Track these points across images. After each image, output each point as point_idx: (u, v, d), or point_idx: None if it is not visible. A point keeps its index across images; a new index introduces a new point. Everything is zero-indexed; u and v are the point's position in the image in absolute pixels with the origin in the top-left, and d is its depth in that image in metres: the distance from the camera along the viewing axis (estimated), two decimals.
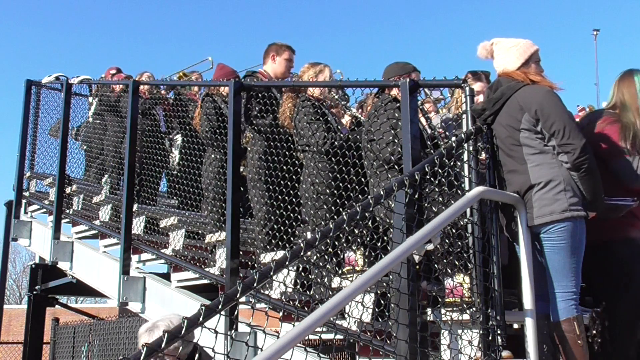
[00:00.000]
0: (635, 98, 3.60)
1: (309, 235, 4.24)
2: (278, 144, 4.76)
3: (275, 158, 4.72)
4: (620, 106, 3.64)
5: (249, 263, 4.69)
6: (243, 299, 3.25)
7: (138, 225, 5.68)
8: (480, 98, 4.03)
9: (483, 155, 3.52)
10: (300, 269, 4.35)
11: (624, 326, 3.51)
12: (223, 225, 4.74)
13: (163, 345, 2.32)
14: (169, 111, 6.66)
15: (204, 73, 7.71)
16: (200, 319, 2.52)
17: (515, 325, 3.58)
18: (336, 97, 5.08)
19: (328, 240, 2.76)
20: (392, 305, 3.06)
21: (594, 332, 3.58)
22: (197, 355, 1.64)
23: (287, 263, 2.80)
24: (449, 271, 3.50)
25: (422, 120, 4.33)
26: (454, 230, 3.38)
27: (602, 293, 3.65)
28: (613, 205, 3.40)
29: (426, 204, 3.45)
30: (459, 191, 3.38)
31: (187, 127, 5.99)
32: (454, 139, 3.30)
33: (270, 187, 4.71)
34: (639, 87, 3.61)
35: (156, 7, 55.82)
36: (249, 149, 4.95)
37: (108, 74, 7.46)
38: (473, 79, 4.47)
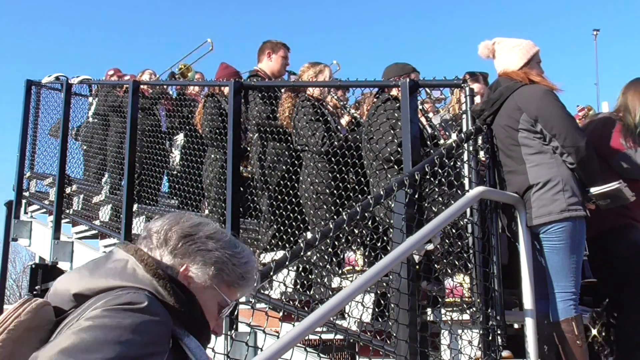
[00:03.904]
0: (637, 101, 3.66)
1: (309, 235, 4.24)
2: (291, 145, 4.75)
3: (288, 160, 4.72)
4: (623, 109, 3.71)
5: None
6: (243, 299, 3.25)
7: (138, 225, 5.68)
8: (477, 99, 4.03)
9: (481, 154, 3.53)
10: (301, 269, 4.35)
11: (632, 323, 3.52)
12: (223, 225, 4.74)
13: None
14: (170, 111, 6.65)
15: (205, 56, 7.68)
16: None
17: (515, 325, 3.58)
18: (335, 97, 5.07)
19: (328, 240, 2.76)
20: (392, 305, 3.06)
21: (594, 332, 3.58)
22: None
23: (287, 263, 2.81)
24: (449, 271, 3.50)
25: (422, 119, 4.33)
26: (454, 230, 3.38)
27: (607, 287, 3.66)
28: (603, 193, 3.38)
29: (426, 204, 3.46)
30: (459, 191, 3.38)
31: (188, 127, 5.99)
32: (454, 138, 3.30)
33: (282, 189, 4.70)
34: None
35: (157, 6, 55.85)
36: (254, 149, 4.94)
37: (107, 75, 7.46)
38: (471, 80, 4.48)
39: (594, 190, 3.35)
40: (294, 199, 4.55)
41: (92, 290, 1.37)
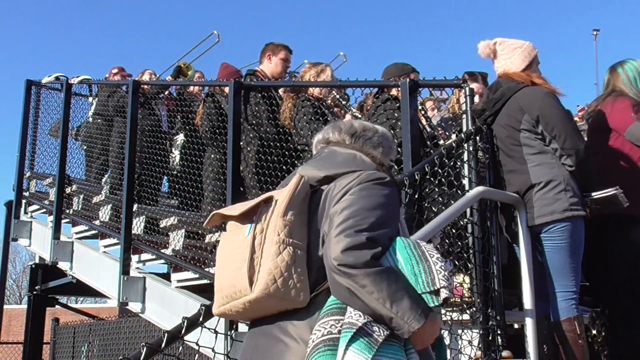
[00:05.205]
0: (626, 85, 3.73)
1: None
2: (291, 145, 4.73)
3: (289, 160, 4.70)
4: (619, 90, 3.74)
5: None
6: None
7: (138, 225, 5.67)
8: (476, 99, 4.03)
9: (480, 153, 3.52)
10: None
11: (629, 325, 3.50)
12: (223, 224, 4.72)
13: (163, 345, 2.32)
14: (171, 110, 6.64)
15: (211, 49, 7.66)
16: (200, 319, 2.52)
17: (516, 325, 3.58)
18: (337, 96, 5.07)
19: None
20: None
21: (594, 332, 3.58)
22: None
23: None
24: None
25: (422, 119, 4.33)
26: (454, 230, 3.37)
27: (605, 290, 3.65)
28: (600, 198, 3.37)
29: (426, 204, 3.45)
30: (459, 191, 3.38)
31: (188, 127, 5.98)
32: (454, 137, 3.30)
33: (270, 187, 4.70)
34: (623, 75, 3.75)
35: (157, 5, 55.85)
36: (248, 148, 4.93)
37: (111, 74, 7.44)
38: (470, 79, 4.48)
39: (595, 194, 3.35)
40: None
41: (336, 173, 1.95)
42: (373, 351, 1.68)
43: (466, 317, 3.30)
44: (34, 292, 7.59)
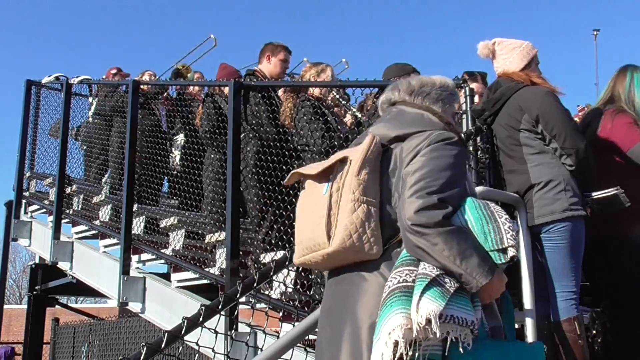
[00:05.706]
0: (625, 91, 3.61)
1: None
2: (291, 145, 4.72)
3: (289, 160, 4.69)
4: (617, 99, 3.64)
5: (249, 263, 4.69)
6: (243, 299, 3.25)
7: (138, 225, 5.67)
8: (476, 99, 4.03)
9: (480, 153, 3.52)
10: (301, 269, 4.34)
11: (629, 325, 3.49)
12: (223, 225, 4.74)
13: (163, 345, 2.33)
14: (170, 110, 6.64)
15: (208, 53, 7.66)
16: (200, 319, 2.52)
17: (516, 325, 3.58)
18: (337, 96, 5.07)
19: None
20: None
21: (594, 332, 3.57)
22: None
23: (287, 263, 2.81)
24: None
25: None
26: None
27: (606, 290, 3.64)
28: (601, 198, 3.36)
29: None
30: None
31: (188, 127, 5.98)
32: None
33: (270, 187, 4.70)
34: (628, 80, 3.63)
35: (157, 5, 55.85)
36: (247, 148, 4.93)
37: (109, 74, 7.44)
38: (470, 79, 4.47)
39: (595, 194, 3.34)
40: (294, 199, 4.54)
41: (406, 133, 2.06)
42: (446, 300, 1.79)
43: None
44: (34, 292, 7.60)
